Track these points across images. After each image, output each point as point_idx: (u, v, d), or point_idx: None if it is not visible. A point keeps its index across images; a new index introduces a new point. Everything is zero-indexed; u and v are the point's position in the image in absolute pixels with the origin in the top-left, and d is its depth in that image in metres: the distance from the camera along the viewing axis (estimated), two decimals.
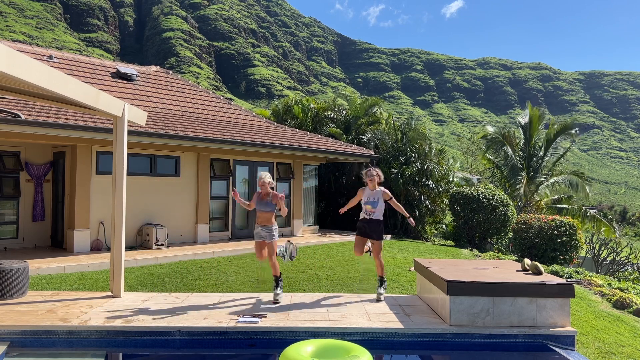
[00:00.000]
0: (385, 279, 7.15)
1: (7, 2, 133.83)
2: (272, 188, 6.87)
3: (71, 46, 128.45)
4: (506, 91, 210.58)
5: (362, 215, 7.06)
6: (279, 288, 6.81)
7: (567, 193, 21.07)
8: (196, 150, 12.72)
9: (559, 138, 21.38)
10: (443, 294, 5.82)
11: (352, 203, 7.28)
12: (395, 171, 17.11)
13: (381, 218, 6.98)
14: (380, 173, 7.03)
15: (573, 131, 21.67)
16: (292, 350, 4.17)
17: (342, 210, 7.24)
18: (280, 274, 6.91)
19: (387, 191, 7.00)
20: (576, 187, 20.22)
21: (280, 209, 6.71)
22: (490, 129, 22.61)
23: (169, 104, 14.36)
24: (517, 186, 19.99)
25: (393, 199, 7.03)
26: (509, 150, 21.28)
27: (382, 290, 7.02)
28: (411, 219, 7.22)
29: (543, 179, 20.72)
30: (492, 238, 16.22)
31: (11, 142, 10.90)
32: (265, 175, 6.80)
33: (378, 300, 6.94)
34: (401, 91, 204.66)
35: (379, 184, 7.04)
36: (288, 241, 7.45)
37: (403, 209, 7.18)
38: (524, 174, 20.68)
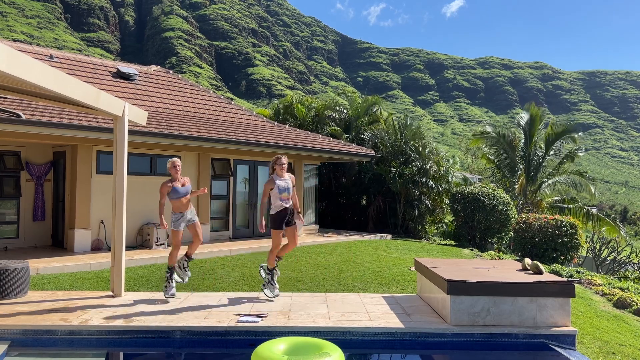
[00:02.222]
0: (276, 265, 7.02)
1: (7, 2, 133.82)
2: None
3: (72, 46, 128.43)
4: (507, 91, 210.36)
5: (282, 205, 6.67)
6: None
7: (569, 193, 21.02)
8: (197, 150, 12.72)
9: (561, 140, 21.31)
10: (444, 294, 5.82)
11: (265, 198, 6.75)
12: (394, 170, 17.11)
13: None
14: (286, 160, 6.86)
15: (576, 135, 21.56)
16: (264, 348, 4.19)
17: (262, 218, 6.75)
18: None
19: (293, 176, 6.91)
20: (580, 186, 20.12)
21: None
22: (489, 128, 22.56)
23: (170, 104, 14.36)
24: (515, 185, 19.98)
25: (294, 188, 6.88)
26: (509, 150, 21.26)
27: (263, 274, 6.99)
28: (300, 215, 6.95)
29: (545, 179, 20.69)
30: (493, 237, 16.21)
31: (12, 142, 10.91)
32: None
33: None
34: (402, 91, 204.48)
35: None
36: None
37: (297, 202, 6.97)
38: (520, 172, 20.66)
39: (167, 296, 6.72)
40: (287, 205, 6.76)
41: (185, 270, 7.12)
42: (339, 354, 4.17)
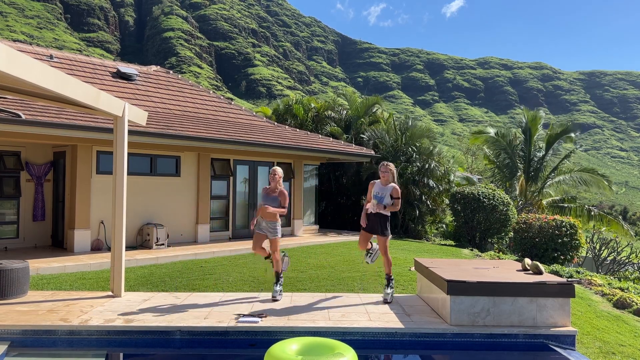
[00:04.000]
0: (392, 277, 6.96)
1: (7, 2, 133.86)
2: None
3: (71, 46, 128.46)
4: (507, 91, 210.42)
5: (369, 209, 6.80)
6: (278, 285, 6.83)
7: (570, 193, 21.02)
8: (196, 150, 12.72)
9: (559, 140, 21.35)
10: (443, 294, 5.82)
11: (369, 198, 6.92)
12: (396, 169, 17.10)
13: (386, 214, 6.78)
14: (394, 169, 6.85)
15: (573, 135, 21.59)
16: (276, 348, 4.20)
17: (363, 218, 6.88)
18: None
19: (397, 188, 6.77)
20: (590, 183, 20.05)
21: (283, 207, 6.74)
22: (489, 130, 22.58)
23: (170, 104, 14.36)
24: (515, 186, 19.96)
25: (398, 200, 6.73)
26: (508, 151, 21.27)
27: (388, 291, 6.81)
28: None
29: (548, 179, 20.70)
30: (493, 238, 16.21)
31: (12, 142, 10.90)
32: (278, 169, 6.86)
33: (385, 302, 6.73)
34: (401, 91, 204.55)
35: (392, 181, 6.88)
36: (283, 254, 7.43)
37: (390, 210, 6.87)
38: (520, 173, 20.65)
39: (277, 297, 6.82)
40: (371, 211, 6.83)
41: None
42: (352, 354, 4.17)
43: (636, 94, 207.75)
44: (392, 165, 6.89)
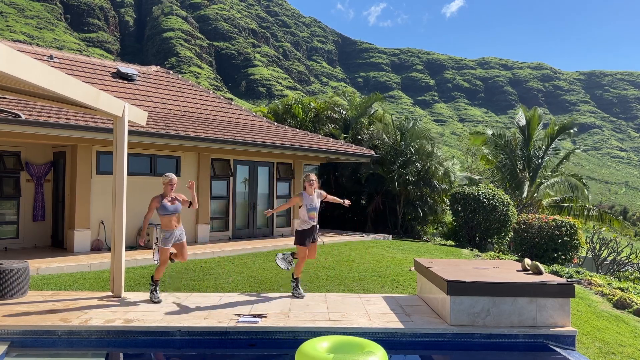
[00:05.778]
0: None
1: (7, 2, 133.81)
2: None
3: (71, 46, 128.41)
4: (506, 91, 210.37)
5: (308, 223, 7.06)
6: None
7: (567, 194, 21.02)
8: (196, 150, 12.72)
9: (558, 138, 21.36)
10: (443, 294, 5.82)
11: (283, 207, 7.44)
12: (394, 171, 17.11)
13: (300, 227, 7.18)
14: (317, 178, 7.19)
15: (571, 130, 21.66)
16: (307, 346, 4.23)
17: (269, 213, 7.19)
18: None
19: (322, 191, 7.20)
20: (575, 188, 20.19)
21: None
22: (489, 131, 22.56)
23: (170, 104, 14.36)
24: (524, 189, 19.88)
25: (328, 195, 7.21)
26: (508, 151, 21.26)
27: (301, 291, 7.08)
28: (346, 200, 7.38)
29: (544, 180, 20.70)
30: (493, 238, 16.21)
31: (12, 142, 10.90)
32: (314, 176, 7.04)
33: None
34: (401, 91, 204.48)
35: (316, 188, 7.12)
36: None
37: (337, 198, 7.43)
38: (526, 173, 20.64)
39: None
40: (313, 224, 7.10)
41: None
42: (383, 353, 4.20)
43: (636, 94, 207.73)
44: (314, 175, 7.18)
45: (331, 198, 7.32)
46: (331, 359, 4.02)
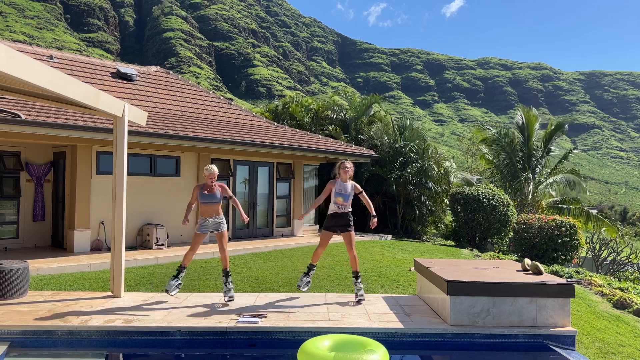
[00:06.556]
0: (360, 274, 6.93)
1: (7, 2, 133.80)
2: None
3: (71, 46, 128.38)
4: (506, 91, 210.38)
5: (333, 209, 6.80)
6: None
7: (566, 193, 21.04)
8: (196, 150, 12.72)
9: (554, 137, 21.45)
10: (443, 294, 5.82)
11: (321, 199, 7.02)
12: (394, 171, 17.10)
13: (350, 209, 6.89)
14: (353, 166, 6.96)
15: (564, 127, 21.78)
16: (309, 344, 4.26)
17: (301, 217, 7.31)
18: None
19: (357, 185, 6.95)
20: (573, 185, 20.26)
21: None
22: (490, 129, 22.59)
23: (169, 104, 14.36)
24: (527, 188, 19.88)
25: (363, 192, 6.96)
26: (508, 151, 21.27)
27: (360, 285, 6.82)
28: (374, 219, 6.96)
29: (543, 179, 20.71)
30: (493, 238, 16.21)
31: (11, 142, 10.90)
32: (349, 163, 6.90)
33: (358, 302, 6.69)
34: (401, 91, 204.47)
35: (351, 178, 6.92)
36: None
37: (370, 202, 7.11)
38: (527, 173, 20.65)
39: (171, 294, 6.68)
40: (340, 211, 6.79)
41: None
42: (384, 352, 4.23)
43: (636, 95, 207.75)
44: (350, 162, 6.96)
45: (364, 197, 6.94)
46: (333, 357, 4.05)
